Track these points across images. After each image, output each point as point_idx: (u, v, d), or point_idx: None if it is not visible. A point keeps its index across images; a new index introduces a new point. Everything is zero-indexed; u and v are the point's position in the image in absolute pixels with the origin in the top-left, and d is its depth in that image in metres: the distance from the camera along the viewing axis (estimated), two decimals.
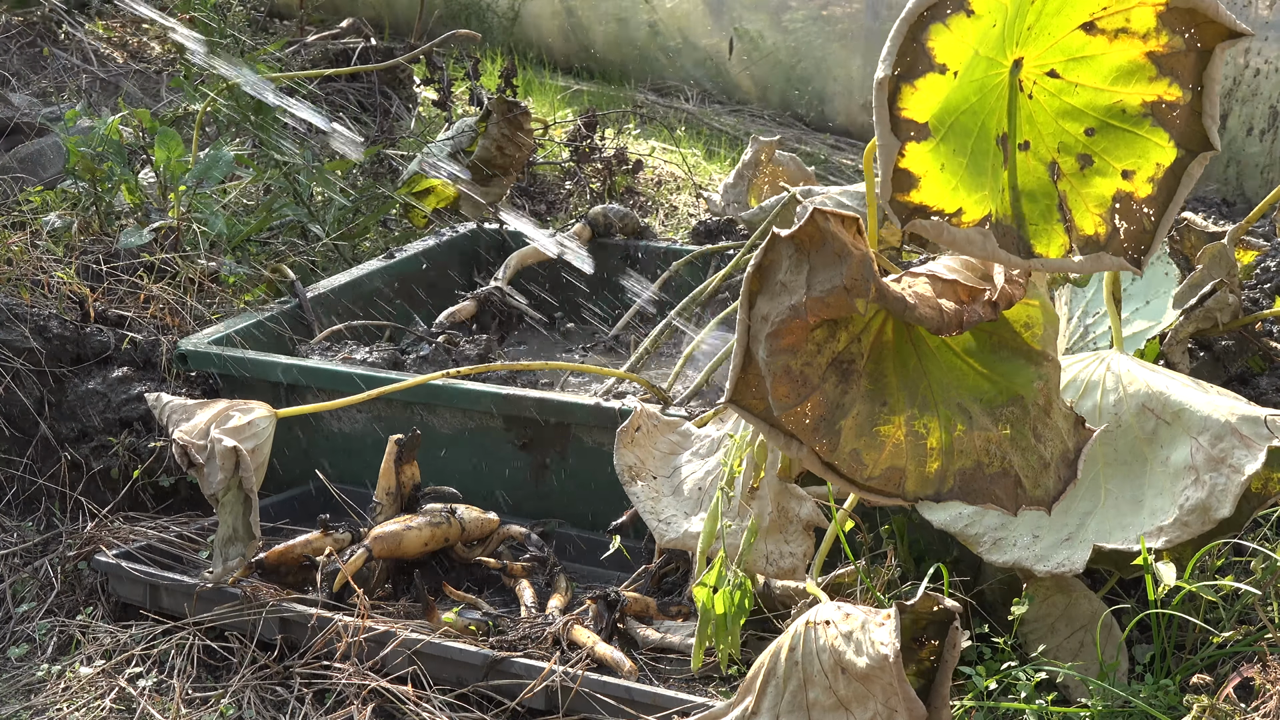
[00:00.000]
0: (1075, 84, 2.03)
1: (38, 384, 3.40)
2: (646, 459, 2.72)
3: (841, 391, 1.97)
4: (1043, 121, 2.05)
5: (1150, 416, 2.49)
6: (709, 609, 2.11)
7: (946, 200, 2.03)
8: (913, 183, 2.02)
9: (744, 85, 7.06)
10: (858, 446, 1.97)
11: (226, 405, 2.81)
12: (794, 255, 1.91)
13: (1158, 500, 2.42)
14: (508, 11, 7.57)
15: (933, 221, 2.02)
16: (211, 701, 2.65)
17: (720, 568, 2.10)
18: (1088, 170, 2.04)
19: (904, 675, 2.00)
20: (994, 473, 2.01)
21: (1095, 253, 2.04)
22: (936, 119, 2.01)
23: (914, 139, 2.00)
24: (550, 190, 5.40)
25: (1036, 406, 2.03)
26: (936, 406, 2.01)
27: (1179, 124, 2.01)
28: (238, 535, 2.74)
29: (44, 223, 3.93)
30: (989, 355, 2.07)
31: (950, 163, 2.01)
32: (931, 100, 2.00)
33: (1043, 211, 2.05)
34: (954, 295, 1.99)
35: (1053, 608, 2.50)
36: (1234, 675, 2.25)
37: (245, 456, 2.69)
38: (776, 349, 1.92)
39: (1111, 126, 2.03)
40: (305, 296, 3.82)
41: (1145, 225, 2.04)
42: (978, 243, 2.01)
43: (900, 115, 2.00)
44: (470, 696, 2.58)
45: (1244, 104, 5.38)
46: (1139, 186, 2.03)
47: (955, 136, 2.02)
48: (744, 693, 2.18)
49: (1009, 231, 2.04)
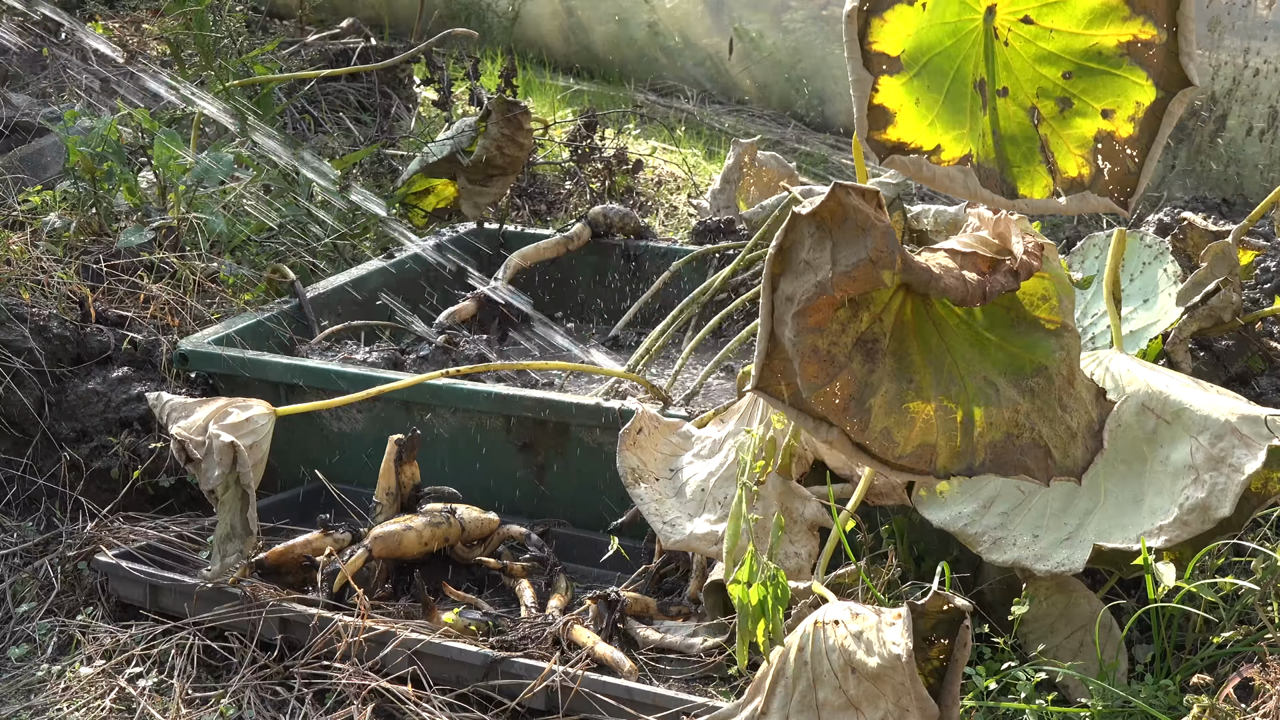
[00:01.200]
0: (1050, 29, 2.03)
1: (38, 384, 3.39)
2: (649, 461, 2.71)
3: (869, 370, 1.95)
4: (1020, 68, 2.05)
5: (1150, 416, 2.49)
6: (745, 603, 2.10)
7: (924, 136, 2.02)
8: (888, 118, 2.01)
9: (744, 85, 7.06)
10: (888, 425, 1.95)
11: (225, 403, 2.81)
12: (816, 233, 1.89)
13: (1158, 499, 2.42)
14: (508, 11, 7.57)
15: (911, 159, 2.01)
16: (211, 701, 2.65)
17: (751, 563, 2.09)
18: (1067, 112, 2.04)
19: (917, 675, 1.99)
20: (1024, 444, 2.00)
21: (1080, 193, 2.04)
22: (909, 55, 2.00)
23: (886, 72, 2.00)
24: (550, 190, 5.40)
25: (1060, 377, 2.02)
26: (963, 381, 1.99)
27: (1156, 63, 2.01)
28: (235, 532, 2.73)
29: (44, 223, 3.93)
30: (1009, 330, 2.05)
31: (925, 98, 2.01)
32: (901, 32, 1.99)
33: (1025, 154, 2.05)
34: (974, 267, 1.98)
35: (1052, 607, 2.50)
36: (1234, 675, 2.25)
37: (243, 452, 2.69)
38: (804, 328, 1.89)
39: (1089, 69, 2.03)
40: (305, 296, 3.81)
41: (1129, 166, 2.04)
42: (959, 180, 2.01)
43: (871, 49, 1.99)
44: (470, 696, 2.58)
45: (1244, 104, 5.38)
46: (1120, 126, 2.03)
47: (930, 75, 2.02)
48: (753, 693, 2.18)
49: (991, 173, 2.04)
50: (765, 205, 4.14)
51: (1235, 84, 5.38)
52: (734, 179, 4.69)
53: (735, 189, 4.72)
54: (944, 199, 5.58)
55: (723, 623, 2.70)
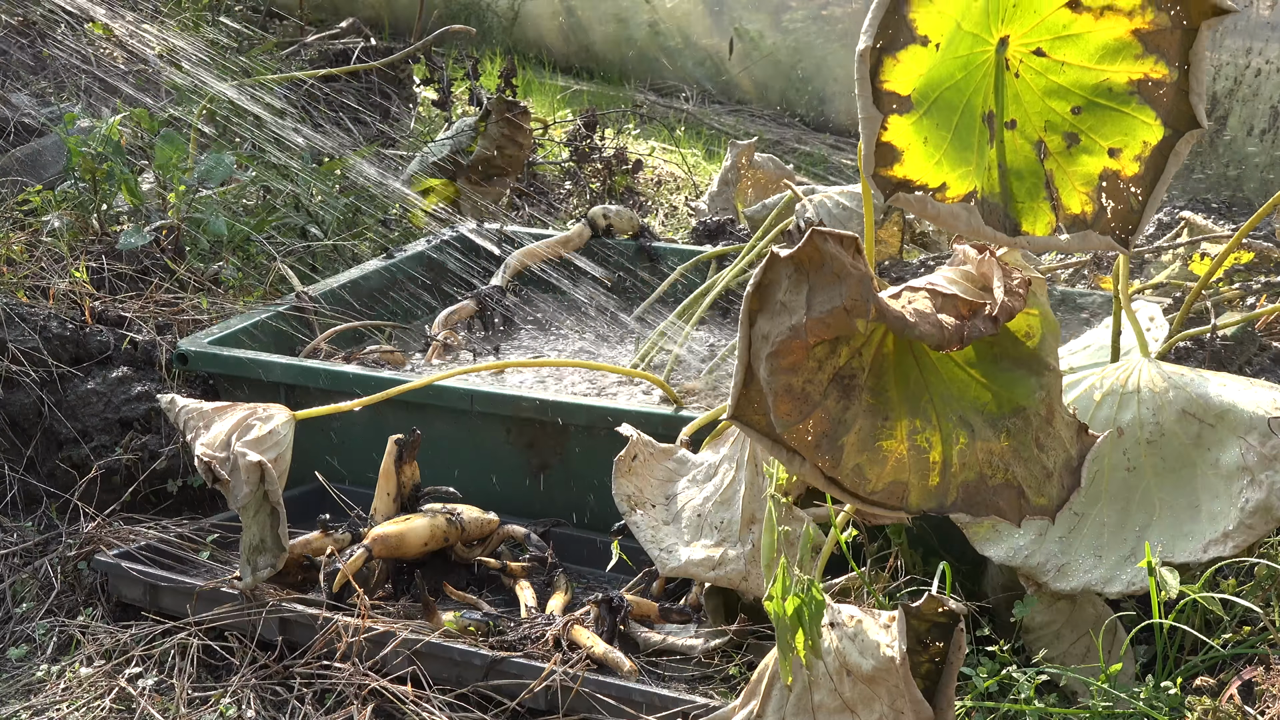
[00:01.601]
0: (1062, 62, 2.03)
1: (38, 384, 3.39)
2: (645, 487, 2.72)
3: (843, 407, 1.96)
4: (1029, 100, 2.05)
5: (1193, 421, 2.47)
6: (782, 616, 2.10)
7: (930, 175, 2.02)
8: (896, 156, 2.01)
9: (744, 85, 7.06)
10: (860, 462, 1.97)
11: (246, 413, 2.79)
12: (793, 275, 1.90)
13: (1215, 504, 2.40)
14: (507, 11, 7.57)
15: (916, 196, 2.01)
16: (211, 701, 2.65)
17: (784, 577, 2.09)
18: (1074, 149, 2.04)
19: (910, 677, 2.00)
20: (997, 484, 2.01)
21: (1082, 231, 2.04)
22: (919, 93, 2.00)
23: (896, 111, 2.00)
24: (550, 190, 5.40)
25: (1039, 416, 2.03)
26: (938, 420, 2.00)
27: (1166, 102, 2.01)
28: (266, 546, 2.73)
29: (43, 223, 3.93)
30: (990, 366, 2.06)
31: (933, 136, 2.01)
32: (914, 73, 2.00)
33: (1029, 189, 2.05)
34: (954, 310, 1.99)
35: (1058, 613, 2.49)
36: (1236, 678, 2.25)
37: (269, 470, 2.68)
38: (778, 368, 1.91)
39: (1098, 105, 2.03)
40: (306, 297, 3.81)
41: (1133, 205, 2.03)
42: (962, 218, 2.01)
43: (882, 88, 2.00)
44: (470, 696, 2.58)
45: (1244, 104, 5.38)
46: (1126, 165, 2.03)
47: (939, 111, 2.02)
48: (749, 695, 2.18)
49: (995, 209, 2.04)
50: (767, 204, 4.14)
51: (1236, 84, 5.39)
52: (731, 181, 4.70)
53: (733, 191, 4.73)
54: None
55: (724, 626, 2.70)
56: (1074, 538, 2.47)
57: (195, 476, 3.32)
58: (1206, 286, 3.13)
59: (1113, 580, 2.41)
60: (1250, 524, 2.34)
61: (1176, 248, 3.75)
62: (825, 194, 3.72)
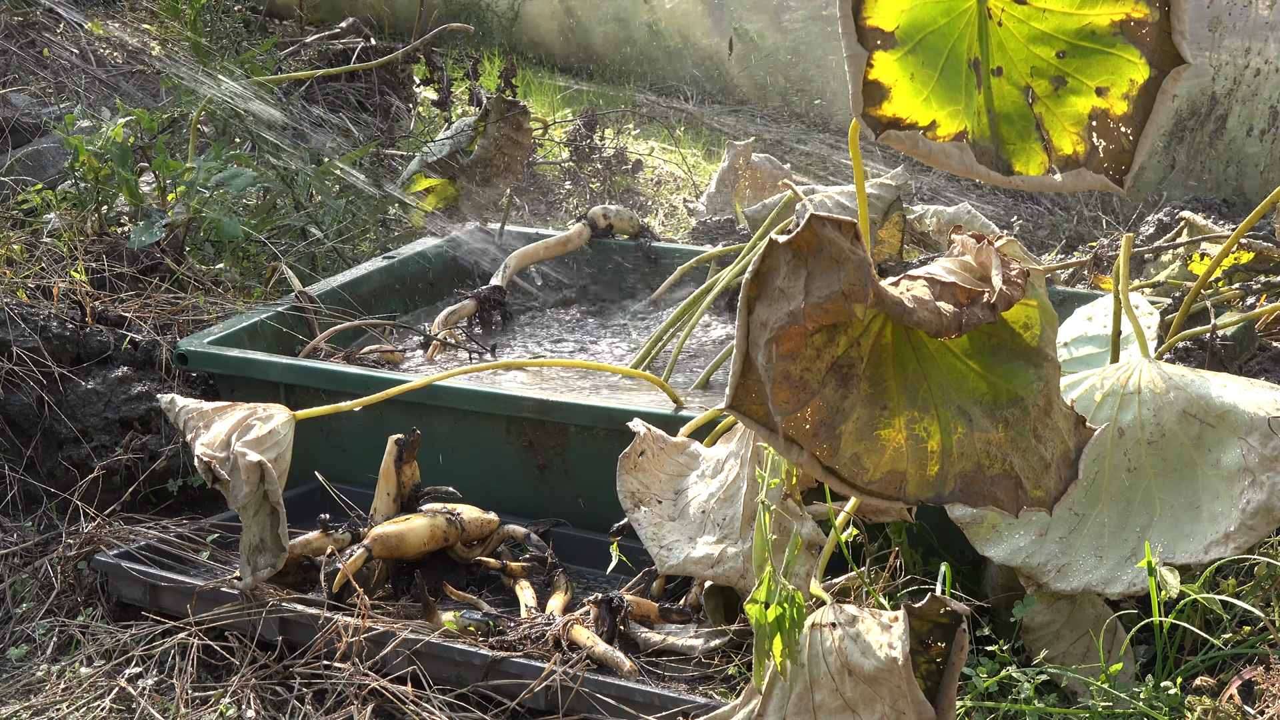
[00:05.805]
0: (1043, 9, 2.04)
1: (38, 384, 3.39)
2: (651, 483, 2.70)
3: (841, 396, 1.96)
4: (1013, 48, 2.06)
5: (1193, 422, 2.47)
6: (762, 623, 2.10)
7: (919, 112, 2.03)
8: (883, 94, 2.02)
9: (744, 85, 7.06)
10: (858, 451, 1.97)
11: (246, 413, 2.79)
12: (791, 261, 1.90)
13: (1215, 505, 2.40)
14: (507, 11, 7.57)
15: (907, 134, 2.02)
16: (211, 701, 2.65)
17: (769, 583, 2.10)
18: (1062, 90, 2.05)
19: (913, 677, 2.00)
20: (995, 475, 2.00)
21: (1075, 170, 2.04)
22: (903, 30, 2.01)
23: (881, 47, 2.01)
24: (550, 190, 5.40)
25: (1037, 407, 2.03)
26: (937, 409, 2.00)
27: (1150, 41, 2.02)
28: (266, 545, 2.73)
29: (44, 223, 3.93)
30: (988, 357, 2.06)
31: (920, 73, 2.02)
32: (895, 8, 2.00)
33: (1020, 132, 2.06)
34: (953, 298, 1.99)
35: (1058, 613, 2.49)
36: (1236, 677, 2.25)
37: (270, 470, 2.68)
38: (776, 355, 1.91)
39: (1082, 48, 2.04)
40: (306, 297, 3.81)
41: (1124, 144, 2.04)
42: (954, 156, 2.01)
43: (865, 24, 2.00)
44: (470, 696, 2.58)
45: (1244, 104, 5.38)
46: (1114, 103, 2.04)
47: (924, 51, 2.03)
48: (750, 695, 2.18)
49: (987, 150, 2.04)
50: (767, 204, 4.14)
51: (1236, 84, 5.39)
52: (729, 181, 4.70)
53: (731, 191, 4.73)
54: (944, 198, 5.58)
55: (723, 626, 2.70)
56: (1075, 538, 2.47)
57: (195, 476, 3.32)
58: (1206, 286, 3.13)
59: (1113, 581, 2.40)
60: (1252, 525, 2.34)
61: (1176, 248, 3.76)
62: (825, 194, 3.71)
